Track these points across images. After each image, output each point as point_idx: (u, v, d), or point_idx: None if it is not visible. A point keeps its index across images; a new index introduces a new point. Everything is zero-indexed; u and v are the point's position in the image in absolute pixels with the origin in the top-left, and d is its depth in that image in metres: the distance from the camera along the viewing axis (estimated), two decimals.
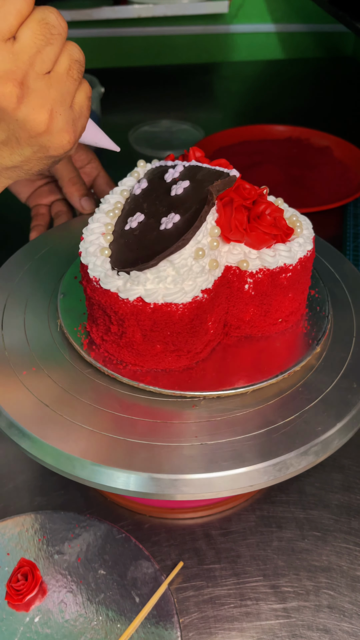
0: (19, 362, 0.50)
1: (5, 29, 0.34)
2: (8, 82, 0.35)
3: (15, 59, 0.35)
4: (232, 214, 0.48)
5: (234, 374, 0.49)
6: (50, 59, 0.37)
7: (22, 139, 0.38)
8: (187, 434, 0.45)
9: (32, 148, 0.39)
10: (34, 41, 0.35)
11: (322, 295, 0.57)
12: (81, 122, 0.41)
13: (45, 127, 0.38)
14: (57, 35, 0.36)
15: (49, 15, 0.36)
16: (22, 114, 0.37)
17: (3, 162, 0.40)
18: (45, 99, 0.37)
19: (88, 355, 0.50)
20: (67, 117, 0.39)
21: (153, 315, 0.45)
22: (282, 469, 0.43)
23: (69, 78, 0.38)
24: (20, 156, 0.40)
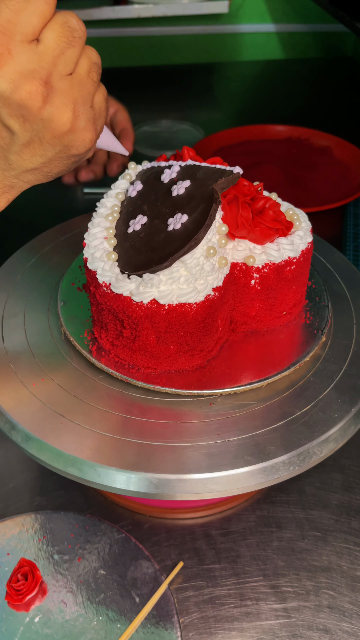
0: (27, 374, 0.50)
1: (29, 30, 0.35)
2: (34, 81, 0.36)
3: (40, 60, 0.36)
4: (238, 210, 0.48)
5: (245, 369, 0.50)
6: (72, 61, 0.38)
7: (46, 139, 0.39)
8: (209, 432, 0.45)
9: (55, 148, 0.40)
10: (58, 43, 0.37)
11: (318, 285, 0.58)
12: (100, 122, 0.43)
13: (70, 126, 0.39)
14: (78, 39, 0.38)
15: (70, 19, 0.37)
16: (47, 113, 0.38)
17: (24, 165, 0.41)
18: (69, 99, 0.38)
19: (98, 362, 0.50)
20: (88, 116, 0.40)
21: (168, 316, 0.45)
22: (305, 459, 0.44)
23: (89, 79, 0.40)
24: (42, 157, 0.40)
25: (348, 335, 0.54)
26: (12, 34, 0.35)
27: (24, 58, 0.36)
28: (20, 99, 0.36)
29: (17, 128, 0.38)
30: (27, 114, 0.37)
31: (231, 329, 0.53)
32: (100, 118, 0.43)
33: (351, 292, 0.59)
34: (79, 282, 0.57)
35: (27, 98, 0.36)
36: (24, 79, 0.36)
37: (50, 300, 0.57)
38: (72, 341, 0.52)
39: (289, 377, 0.50)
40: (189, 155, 0.54)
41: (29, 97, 0.36)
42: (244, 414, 0.47)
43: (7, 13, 0.35)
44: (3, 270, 0.60)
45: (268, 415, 0.47)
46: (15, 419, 0.46)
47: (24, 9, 0.35)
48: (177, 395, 0.48)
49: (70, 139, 0.40)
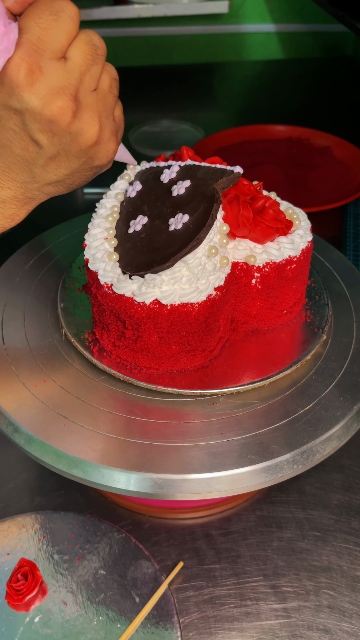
0: (29, 376, 0.50)
1: (57, 48, 0.37)
2: (64, 97, 0.38)
3: (68, 77, 0.38)
4: (239, 210, 0.48)
5: (247, 368, 0.50)
6: (96, 77, 0.40)
7: (72, 152, 0.41)
8: (212, 431, 0.45)
9: (80, 160, 0.42)
10: (84, 60, 0.38)
11: (318, 284, 0.58)
12: (120, 134, 0.45)
13: (97, 138, 0.41)
14: (101, 56, 0.40)
15: (93, 37, 0.39)
16: (76, 127, 0.39)
17: (47, 177, 0.42)
18: (95, 113, 0.40)
19: (100, 363, 0.50)
20: (111, 128, 0.43)
21: (170, 316, 0.45)
22: (309, 457, 0.44)
23: (110, 94, 0.42)
24: (67, 169, 0.42)
25: (348, 333, 0.54)
26: (42, 52, 0.36)
27: (54, 75, 0.37)
28: (52, 114, 0.38)
29: (45, 142, 0.39)
30: (57, 129, 0.39)
31: (232, 329, 0.53)
32: (120, 130, 0.45)
33: (350, 290, 0.59)
34: (78, 283, 0.57)
35: (58, 114, 0.38)
36: (55, 95, 0.37)
37: (50, 301, 0.57)
38: (74, 342, 0.52)
39: (290, 376, 0.50)
40: (188, 155, 0.54)
41: (60, 113, 0.38)
42: (247, 413, 0.47)
43: (37, 31, 0.36)
44: (3, 270, 0.60)
45: (271, 414, 0.47)
46: (18, 421, 0.46)
47: (52, 27, 0.36)
48: (179, 395, 0.48)
49: (95, 151, 0.42)
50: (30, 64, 0.36)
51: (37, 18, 0.36)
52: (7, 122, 0.38)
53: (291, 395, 0.48)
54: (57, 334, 0.53)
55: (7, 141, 0.40)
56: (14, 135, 0.39)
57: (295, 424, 0.46)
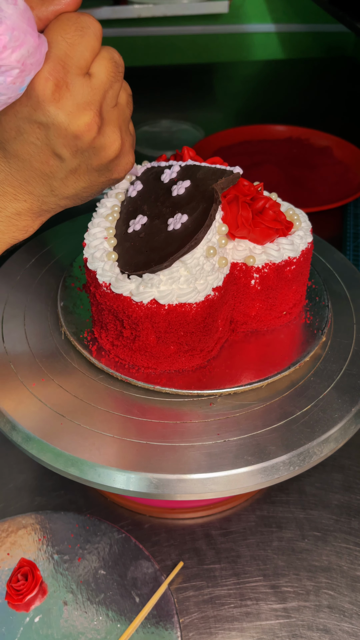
0: (27, 374, 0.50)
1: (83, 64, 0.37)
2: (90, 112, 0.38)
3: (93, 93, 0.38)
4: (238, 210, 0.48)
5: (245, 369, 0.50)
6: (117, 94, 0.41)
7: (93, 165, 0.41)
8: (209, 432, 0.45)
9: (99, 173, 0.42)
10: (107, 77, 0.39)
11: (318, 285, 0.58)
12: (134, 146, 0.46)
13: (118, 152, 0.42)
14: (121, 73, 0.41)
15: (114, 54, 0.40)
16: (100, 142, 0.40)
17: (66, 191, 0.43)
18: (117, 128, 0.41)
19: (99, 362, 0.50)
20: (130, 141, 0.44)
21: (168, 316, 0.45)
22: (305, 459, 0.44)
23: (127, 109, 0.43)
24: (85, 182, 0.43)
25: (348, 334, 0.54)
26: (69, 67, 0.37)
27: (80, 91, 0.37)
28: (78, 130, 0.38)
29: (68, 156, 0.40)
30: (81, 144, 0.39)
31: (231, 329, 0.53)
32: (134, 142, 0.46)
33: (351, 292, 0.59)
34: (79, 282, 0.57)
35: (84, 129, 0.38)
36: (81, 111, 0.38)
37: (50, 300, 0.57)
38: (72, 341, 0.52)
39: (289, 377, 0.50)
40: (189, 155, 0.54)
41: (86, 129, 0.38)
42: (244, 414, 0.47)
43: (65, 46, 0.36)
44: (3, 270, 0.60)
45: (268, 415, 0.47)
46: (16, 419, 0.46)
47: (78, 43, 0.37)
48: (177, 395, 0.48)
49: (115, 164, 0.43)
50: (57, 79, 0.37)
51: (64, 33, 0.36)
52: (30, 136, 0.38)
53: (289, 397, 0.48)
54: (57, 332, 0.53)
55: (27, 155, 0.40)
56: (35, 149, 0.39)
57: (293, 425, 0.46)
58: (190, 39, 1.55)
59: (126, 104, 0.43)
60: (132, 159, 0.44)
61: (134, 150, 0.45)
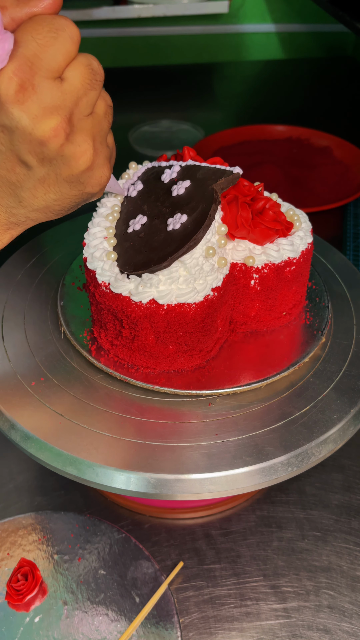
0: (27, 373, 0.50)
1: (54, 67, 0.35)
2: (57, 117, 0.36)
3: (64, 98, 0.36)
4: (238, 211, 0.48)
5: (244, 369, 0.50)
6: (92, 103, 0.38)
7: (63, 176, 0.39)
8: (208, 432, 0.45)
9: (71, 185, 0.40)
10: (82, 84, 0.37)
11: (319, 286, 0.58)
12: (113, 160, 0.44)
13: (90, 163, 0.39)
14: (99, 82, 0.38)
15: (93, 61, 0.37)
16: (69, 150, 0.37)
17: (35, 203, 0.40)
18: (90, 137, 0.39)
19: (98, 362, 0.50)
20: (105, 154, 0.41)
21: (167, 316, 0.45)
22: (304, 460, 0.44)
23: (105, 120, 0.40)
24: (56, 194, 0.40)
25: (348, 336, 0.54)
26: (37, 69, 0.35)
27: (48, 94, 0.35)
28: (43, 135, 0.36)
29: (35, 164, 0.37)
30: (47, 151, 0.37)
31: (231, 329, 0.53)
32: (113, 156, 0.44)
33: (351, 292, 0.59)
34: (79, 281, 0.57)
35: (50, 135, 0.36)
36: (47, 115, 0.36)
37: (50, 300, 0.57)
38: (72, 341, 0.52)
39: (288, 378, 0.50)
40: (190, 155, 0.54)
41: (52, 134, 0.36)
42: (243, 415, 0.47)
43: (34, 46, 0.34)
44: (3, 270, 0.60)
45: (267, 415, 0.47)
46: (15, 418, 0.46)
47: (51, 44, 0.34)
48: (176, 395, 0.48)
49: (88, 176, 0.40)
50: (22, 80, 0.34)
51: (35, 33, 0.34)
52: None
53: (288, 397, 0.48)
54: (57, 332, 0.53)
55: None
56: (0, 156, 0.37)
57: (291, 426, 0.46)
58: (190, 39, 1.55)
59: (104, 114, 0.40)
60: (107, 173, 0.42)
61: (111, 164, 0.43)
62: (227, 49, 1.58)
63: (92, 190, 0.42)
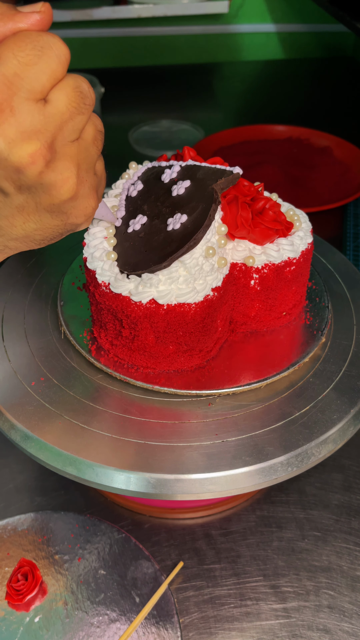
0: (26, 373, 0.50)
1: (37, 88, 0.32)
2: (36, 142, 0.33)
3: (46, 122, 0.33)
4: (238, 211, 0.48)
5: (244, 369, 0.50)
6: (79, 128, 0.36)
7: (43, 205, 0.36)
8: (207, 432, 0.45)
9: (52, 215, 0.37)
10: (67, 107, 0.34)
11: (319, 286, 0.58)
12: (101, 190, 0.41)
13: (73, 193, 0.37)
14: (88, 106, 0.35)
15: (82, 84, 0.35)
16: (49, 178, 0.35)
17: (13, 232, 0.38)
18: (74, 165, 0.36)
19: (98, 362, 0.50)
20: (92, 183, 0.39)
21: (167, 316, 0.45)
22: (304, 460, 0.44)
23: (94, 147, 0.38)
24: (36, 223, 0.38)
25: (348, 336, 0.54)
26: (17, 89, 0.32)
27: (28, 117, 0.33)
28: (19, 161, 0.33)
29: (12, 191, 0.35)
30: (25, 179, 0.34)
31: (231, 329, 0.53)
32: (101, 186, 0.41)
33: (351, 292, 0.59)
34: (79, 281, 0.57)
35: (27, 162, 0.33)
36: (25, 140, 0.33)
37: (50, 300, 0.57)
38: (72, 340, 0.52)
39: (288, 378, 0.50)
40: (190, 155, 0.54)
41: (30, 160, 0.33)
42: (243, 415, 0.47)
43: (15, 65, 0.31)
44: (3, 270, 0.60)
45: (267, 415, 0.47)
46: (14, 418, 0.46)
47: (34, 64, 0.32)
48: (175, 395, 0.48)
49: (71, 207, 0.38)
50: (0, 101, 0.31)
51: (17, 50, 0.31)
52: None
53: (288, 397, 0.48)
54: (57, 332, 0.53)
55: None
56: None
57: (291, 426, 0.46)
58: (190, 39, 1.55)
59: (92, 140, 0.37)
60: (92, 203, 0.39)
61: (99, 194, 0.40)
62: (227, 49, 1.58)
63: (76, 221, 0.39)
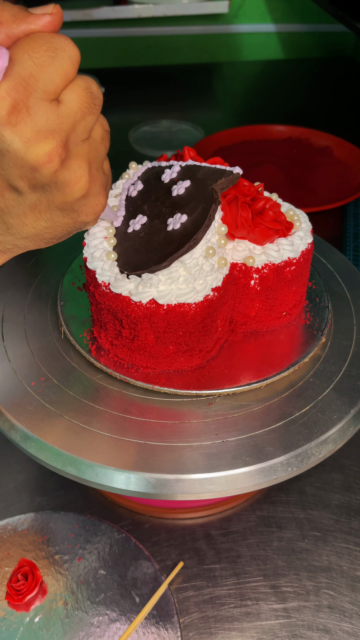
0: (26, 373, 0.50)
1: (51, 89, 0.33)
2: (53, 141, 0.34)
3: (60, 121, 0.34)
4: (238, 211, 0.48)
5: (244, 369, 0.50)
6: (89, 128, 0.36)
7: (55, 203, 0.37)
8: (207, 432, 0.45)
9: (63, 213, 0.38)
10: (79, 107, 0.35)
11: (319, 286, 0.58)
12: (109, 187, 0.42)
13: (86, 191, 0.37)
14: (97, 106, 0.36)
15: (92, 85, 0.36)
16: (64, 176, 0.35)
17: (24, 231, 0.38)
18: (86, 163, 0.37)
19: (98, 362, 0.50)
20: (101, 181, 0.39)
21: (167, 316, 0.45)
22: (304, 460, 0.44)
23: (102, 146, 0.38)
24: (47, 222, 0.38)
25: (348, 336, 0.54)
26: (33, 89, 0.32)
27: (43, 117, 0.33)
28: (36, 160, 0.33)
29: (26, 190, 0.35)
30: (40, 177, 0.34)
31: (231, 329, 0.53)
32: (109, 183, 0.42)
33: (351, 292, 0.59)
34: (79, 281, 0.57)
35: (44, 160, 0.34)
36: (41, 139, 0.33)
37: (50, 300, 0.57)
38: (72, 340, 0.52)
39: (288, 378, 0.50)
40: (190, 155, 0.54)
41: (46, 160, 0.34)
42: (243, 415, 0.47)
43: (31, 66, 0.32)
44: (3, 270, 0.60)
45: (267, 415, 0.47)
46: (14, 418, 0.46)
47: (48, 65, 0.32)
48: (175, 395, 0.48)
49: (83, 204, 0.38)
50: (16, 100, 0.32)
51: (32, 52, 0.32)
52: None
53: (288, 398, 0.48)
54: (57, 331, 0.53)
55: None
56: None
57: (291, 426, 0.46)
58: (190, 39, 1.55)
59: (101, 139, 0.38)
60: (102, 201, 0.40)
61: (107, 192, 0.41)
62: (227, 49, 1.58)
63: (86, 219, 0.40)
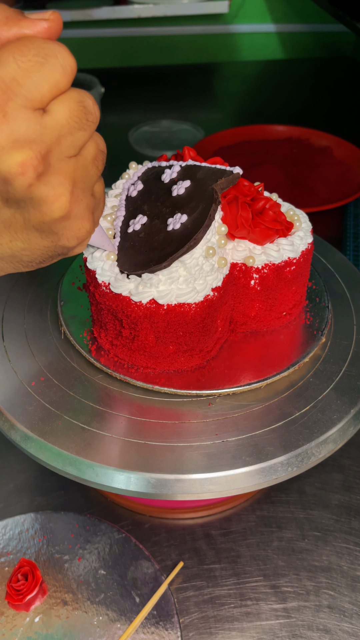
0: (26, 373, 0.50)
1: (36, 96, 0.30)
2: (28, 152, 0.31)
3: (42, 132, 0.31)
4: (238, 211, 0.48)
5: (244, 369, 0.50)
6: (79, 145, 0.33)
7: (32, 222, 0.34)
8: (208, 432, 0.45)
9: (41, 234, 0.35)
10: (68, 121, 0.32)
11: (319, 286, 0.58)
12: (98, 213, 0.39)
13: (65, 212, 0.34)
14: (91, 123, 0.33)
15: (87, 100, 0.33)
16: (40, 192, 0.32)
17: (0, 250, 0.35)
18: (68, 181, 0.34)
19: (98, 362, 0.50)
20: (87, 204, 0.36)
21: (167, 316, 0.45)
22: (304, 460, 0.44)
23: (93, 166, 0.35)
24: (24, 242, 0.35)
25: (348, 336, 0.54)
26: (13, 95, 0.30)
27: (22, 125, 0.30)
28: (8, 170, 0.31)
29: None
30: (13, 190, 0.31)
31: (231, 329, 0.53)
32: (99, 209, 0.39)
33: (351, 292, 0.59)
34: (79, 281, 0.57)
35: (16, 171, 0.31)
36: (16, 148, 0.30)
37: (50, 300, 0.57)
38: (72, 340, 0.52)
39: (288, 378, 0.50)
40: (190, 155, 0.54)
41: (19, 170, 0.31)
42: (243, 415, 0.47)
43: (15, 70, 0.29)
44: None
45: (267, 415, 0.47)
46: (14, 418, 0.46)
47: (35, 71, 0.30)
48: (176, 395, 0.48)
49: (63, 227, 0.35)
50: None
51: (19, 55, 0.29)
52: None
53: (288, 397, 0.48)
54: (57, 331, 0.53)
55: None
56: None
57: (291, 426, 0.46)
58: (190, 39, 1.55)
59: (92, 159, 0.35)
60: (87, 226, 0.36)
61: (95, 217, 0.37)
62: (227, 49, 1.58)
63: (68, 244, 0.36)
